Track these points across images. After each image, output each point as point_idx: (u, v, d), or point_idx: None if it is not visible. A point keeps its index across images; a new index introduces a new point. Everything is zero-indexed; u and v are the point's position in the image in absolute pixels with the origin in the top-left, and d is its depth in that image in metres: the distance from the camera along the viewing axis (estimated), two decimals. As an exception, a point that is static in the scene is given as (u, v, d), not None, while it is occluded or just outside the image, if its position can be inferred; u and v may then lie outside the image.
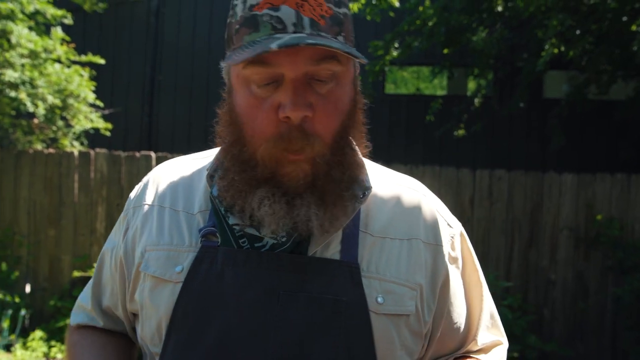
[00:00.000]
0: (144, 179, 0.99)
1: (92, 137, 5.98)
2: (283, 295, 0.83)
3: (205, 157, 0.97)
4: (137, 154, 4.88)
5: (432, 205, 0.95)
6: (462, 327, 0.95)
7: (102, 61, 5.49)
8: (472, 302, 0.97)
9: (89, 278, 4.74)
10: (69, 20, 5.56)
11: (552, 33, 4.28)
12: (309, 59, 0.77)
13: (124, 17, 7.73)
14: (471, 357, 0.97)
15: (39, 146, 5.12)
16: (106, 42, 7.64)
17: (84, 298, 1.04)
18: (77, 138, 5.46)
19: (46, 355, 4.37)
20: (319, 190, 0.82)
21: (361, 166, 0.88)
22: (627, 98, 5.49)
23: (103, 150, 4.93)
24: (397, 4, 5.28)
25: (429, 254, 0.90)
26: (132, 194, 0.99)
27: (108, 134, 5.52)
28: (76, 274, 4.74)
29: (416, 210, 0.93)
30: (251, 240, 0.85)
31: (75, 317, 1.04)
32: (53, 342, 4.46)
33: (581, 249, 4.52)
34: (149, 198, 0.95)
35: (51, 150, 4.93)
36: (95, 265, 1.03)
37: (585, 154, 6.49)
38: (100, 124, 5.33)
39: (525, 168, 4.92)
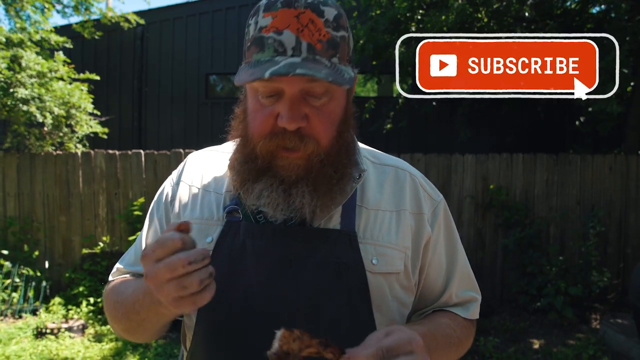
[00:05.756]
0: (181, 165, 1.05)
1: (92, 140, 6.15)
2: (294, 262, 0.87)
3: (229, 150, 1.00)
4: (129, 152, 5.14)
5: (417, 181, 1.00)
6: (441, 281, 1.00)
7: (97, 78, 5.75)
8: (449, 260, 1.01)
9: (95, 254, 5.09)
10: (69, 45, 5.92)
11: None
12: (305, 79, 0.79)
13: (115, 41, 7.94)
14: (446, 310, 1.01)
15: (49, 149, 5.33)
16: (101, 62, 7.83)
17: (126, 266, 1.02)
18: (80, 141, 5.67)
19: (65, 316, 4.60)
20: (312, 182, 0.85)
21: (354, 162, 0.92)
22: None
23: (101, 150, 5.18)
24: None
25: (413, 221, 0.95)
26: (174, 175, 1.04)
27: (105, 136, 5.75)
28: (84, 251, 5.09)
29: (403, 186, 0.98)
30: (267, 216, 0.88)
31: (115, 275, 1.03)
32: (70, 306, 4.78)
33: (479, 212, 5.18)
34: (187, 178, 1.00)
35: (59, 152, 5.18)
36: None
37: (482, 139, 7.03)
38: (98, 129, 5.57)
39: (438, 151, 5.46)
